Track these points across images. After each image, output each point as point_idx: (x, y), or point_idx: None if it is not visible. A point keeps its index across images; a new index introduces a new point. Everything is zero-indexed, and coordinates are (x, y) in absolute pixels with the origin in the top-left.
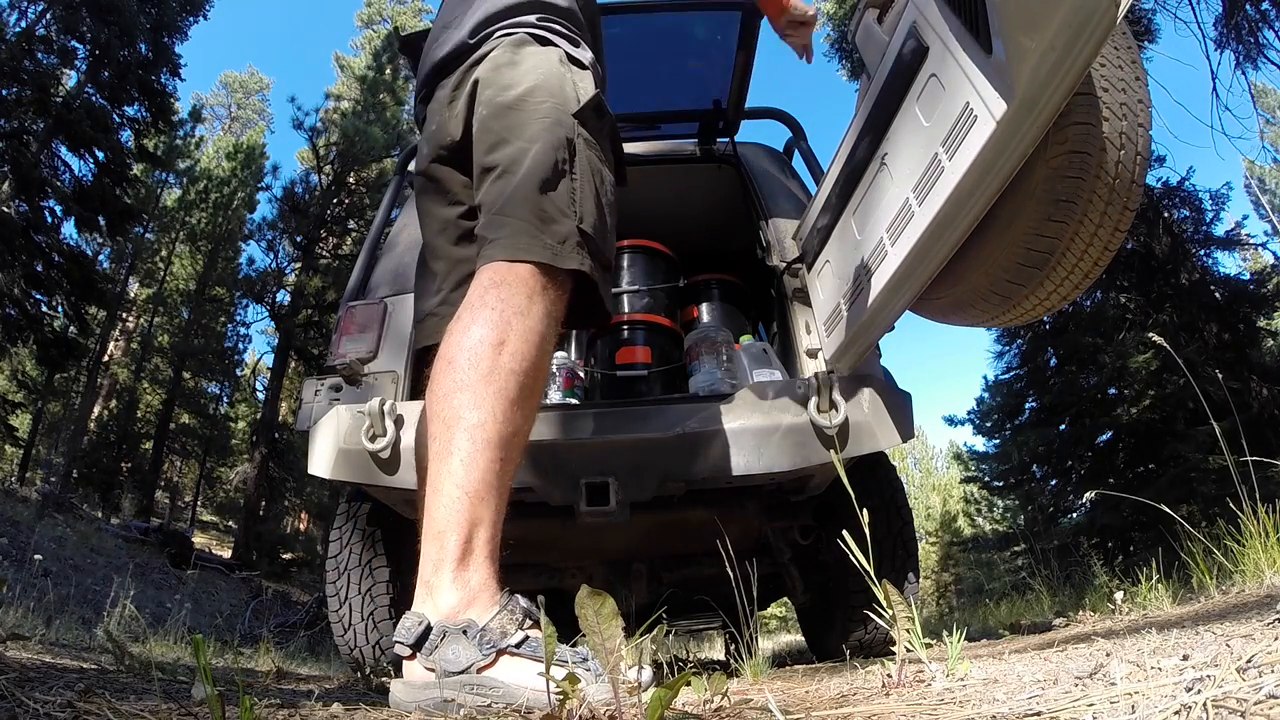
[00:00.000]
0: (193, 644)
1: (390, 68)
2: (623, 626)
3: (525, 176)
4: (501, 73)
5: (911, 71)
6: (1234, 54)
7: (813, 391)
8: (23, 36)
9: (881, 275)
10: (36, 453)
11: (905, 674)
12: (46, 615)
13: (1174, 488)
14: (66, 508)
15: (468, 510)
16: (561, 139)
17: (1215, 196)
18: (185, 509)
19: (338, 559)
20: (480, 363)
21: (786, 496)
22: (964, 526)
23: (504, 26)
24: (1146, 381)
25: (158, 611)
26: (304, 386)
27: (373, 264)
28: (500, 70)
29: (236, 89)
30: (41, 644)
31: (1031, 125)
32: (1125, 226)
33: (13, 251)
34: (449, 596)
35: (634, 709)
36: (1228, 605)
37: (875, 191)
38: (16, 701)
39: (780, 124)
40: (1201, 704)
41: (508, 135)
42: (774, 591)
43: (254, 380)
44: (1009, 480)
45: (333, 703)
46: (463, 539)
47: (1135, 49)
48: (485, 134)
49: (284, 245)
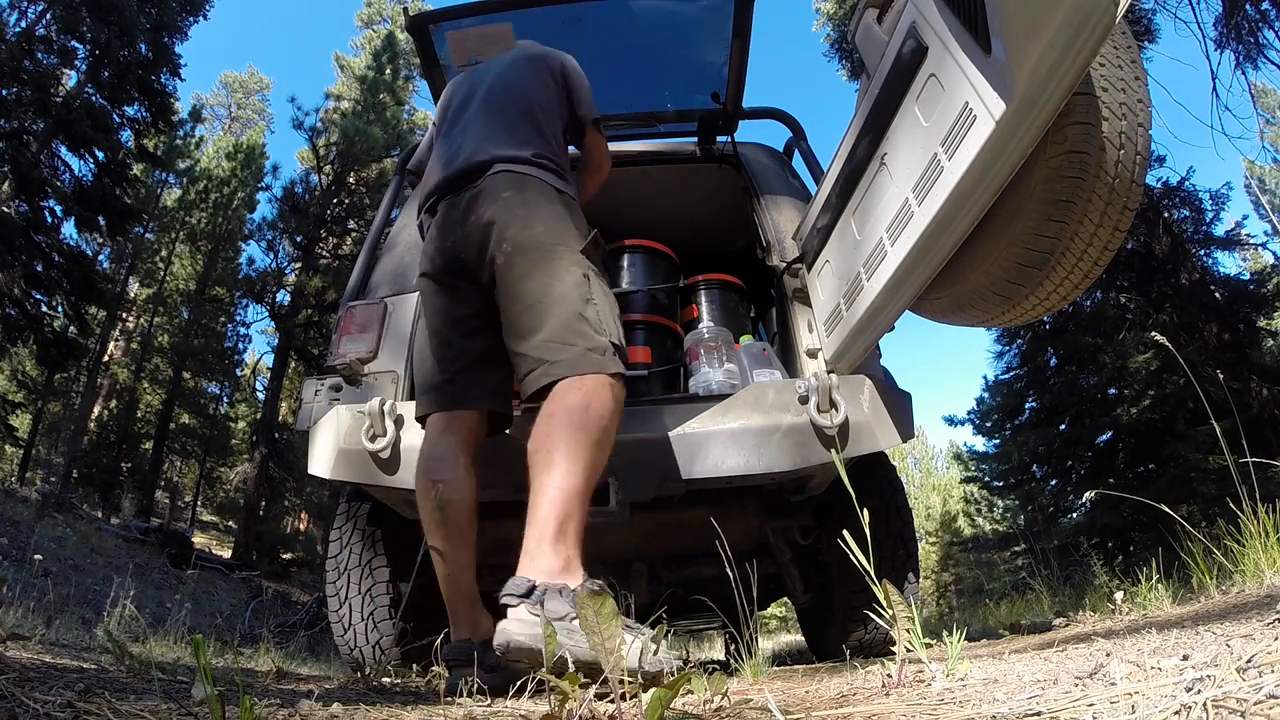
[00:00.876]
0: (193, 644)
1: (390, 68)
2: (623, 626)
3: (565, 309)
4: (515, 212)
5: (911, 71)
6: (1234, 54)
7: (813, 391)
8: (23, 36)
9: (881, 275)
10: (36, 453)
11: (905, 674)
12: (46, 615)
13: (1174, 488)
14: (66, 508)
15: (564, 505)
16: (580, 275)
17: (1215, 196)
18: (185, 509)
19: (338, 559)
20: (574, 415)
21: (786, 496)
22: (964, 526)
23: (508, 164)
24: (1146, 381)
25: (158, 611)
26: (304, 386)
27: (373, 264)
28: (514, 210)
29: (236, 89)
30: (41, 644)
31: (1031, 125)
32: (1125, 226)
33: (13, 251)
34: (549, 563)
35: (634, 709)
36: (1228, 605)
37: (875, 191)
38: (16, 701)
39: (780, 124)
40: (1201, 704)
41: (535, 271)
42: (774, 591)
43: (254, 380)
44: (1009, 480)
45: (333, 703)
46: (559, 524)
47: (1135, 49)
48: (513, 268)
49: (284, 245)
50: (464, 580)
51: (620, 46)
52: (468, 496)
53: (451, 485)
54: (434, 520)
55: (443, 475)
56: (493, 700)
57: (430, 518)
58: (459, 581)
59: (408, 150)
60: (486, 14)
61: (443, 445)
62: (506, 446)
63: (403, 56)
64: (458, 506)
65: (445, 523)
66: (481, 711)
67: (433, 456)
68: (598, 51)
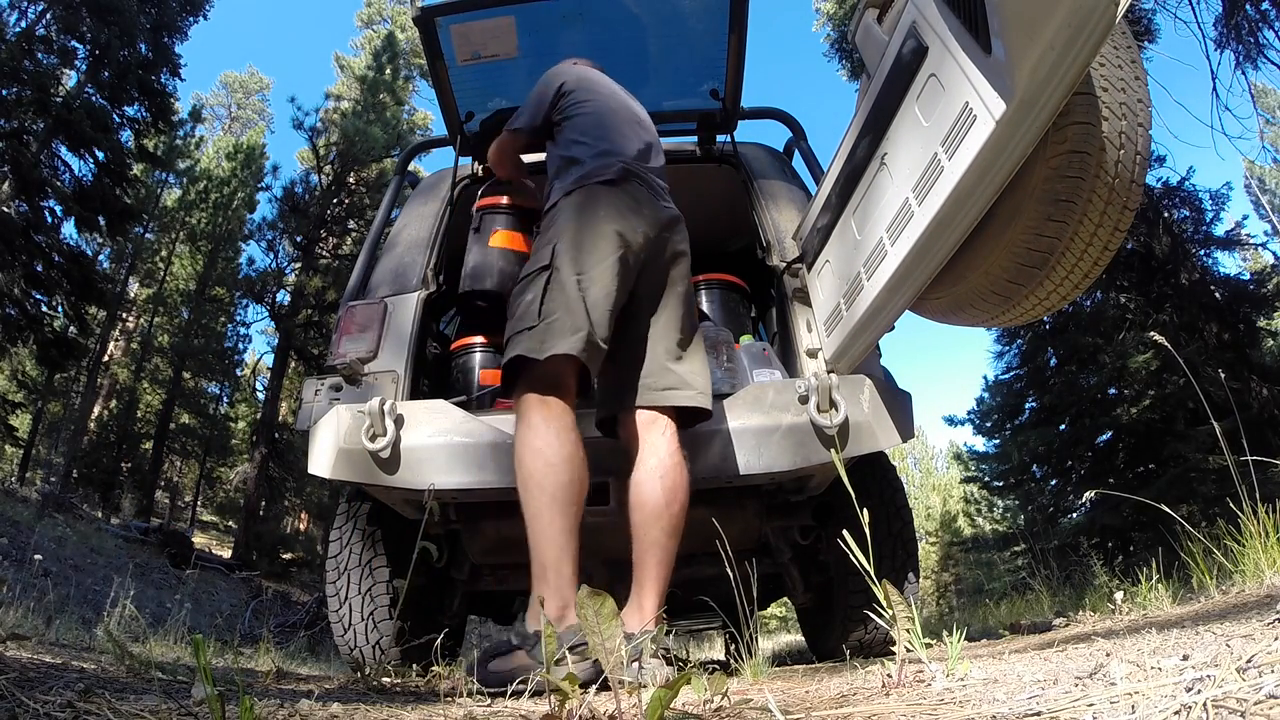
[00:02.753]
0: (193, 644)
1: (390, 68)
2: (622, 627)
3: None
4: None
5: (911, 71)
6: (1234, 54)
7: (813, 391)
8: (23, 36)
9: (881, 275)
10: (36, 453)
11: (905, 674)
12: (46, 615)
13: (1174, 488)
14: (66, 508)
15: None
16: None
17: (1215, 196)
18: (185, 509)
19: (338, 559)
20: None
21: (786, 496)
22: (964, 526)
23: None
24: (1146, 381)
25: (158, 611)
26: (304, 386)
27: (373, 264)
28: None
29: (236, 89)
30: (41, 644)
31: (1031, 125)
32: (1125, 226)
33: (13, 251)
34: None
35: (634, 709)
36: (1228, 605)
37: (875, 191)
38: (16, 701)
39: (780, 124)
40: (1201, 704)
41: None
42: (774, 591)
43: (254, 380)
44: (1009, 480)
45: (333, 703)
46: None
47: (1135, 48)
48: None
49: (284, 245)
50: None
51: (619, 43)
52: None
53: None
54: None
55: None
56: (493, 700)
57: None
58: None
59: (408, 150)
60: (490, 7)
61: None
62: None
63: (403, 56)
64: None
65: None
66: (481, 711)
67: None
68: (597, 50)
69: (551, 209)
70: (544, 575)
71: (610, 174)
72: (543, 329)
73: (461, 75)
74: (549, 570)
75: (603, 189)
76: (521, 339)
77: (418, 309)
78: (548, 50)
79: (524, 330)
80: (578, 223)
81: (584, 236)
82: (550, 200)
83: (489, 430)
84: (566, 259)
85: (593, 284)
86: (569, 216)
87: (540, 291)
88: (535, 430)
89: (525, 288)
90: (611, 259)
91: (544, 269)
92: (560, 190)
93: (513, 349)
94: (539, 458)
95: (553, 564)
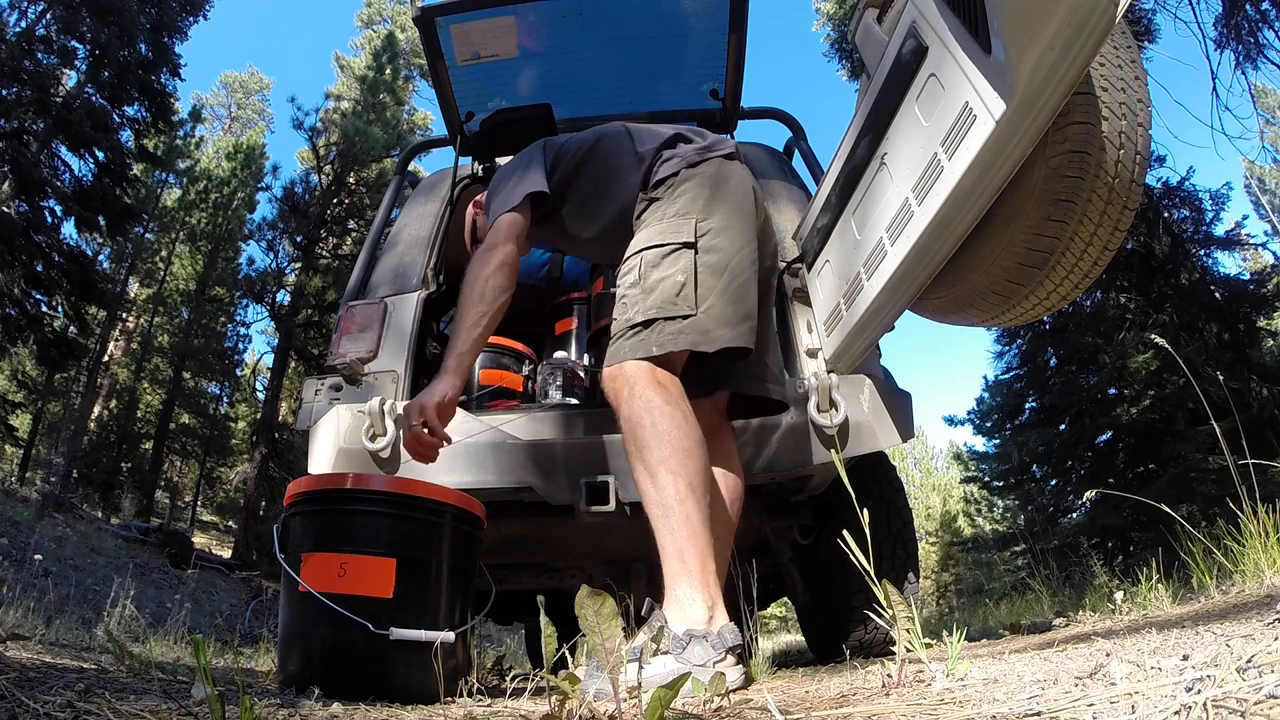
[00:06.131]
0: (193, 644)
1: (390, 68)
2: (623, 626)
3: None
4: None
5: (911, 71)
6: (1234, 54)
7: (812, 391)
8: (23, 36)
9: (881, 275)
10: (36, 453)
11: (905, 674)
12: (46, 615)
13: (1174, 488)
14: (66, 508)
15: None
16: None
17: (1215, 196)
18: (185, 509)
19: None
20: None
21: (786, 496)
22: (964, 526)
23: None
24: (1146, 381)
25: (158, 611)
26: (304, 386)
27: (373, 264)
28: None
29: (236, 89)
30: (41, 644)
31: (1031, 125)
32: (1125, 226)
33: (13, 251)
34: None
35: (634, 709)
36: (1228, 605)
37: (875, 191)
38: (16, 701)
39: (780, 124)
40: (1201, 704)
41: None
42: (774, 591)
43: (254, 380)
44: (1009, 480)
45: (333, 703)
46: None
47: (1135, 48)
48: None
49: (284, 245)
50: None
51: (619, 43)
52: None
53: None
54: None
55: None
56: (493, 700)
57: None
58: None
59: (408, 150)
60: (490, 7)
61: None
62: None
63: (403, 56)
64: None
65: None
66: (481, 711)
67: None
68: (597, 49)
69: (671, 178)
70: (686, 569)
71: (730, 148)
72: (704, 319)
73: (461, 75)
74: (691, 564)
75: (730, 164)
76: (676, 328)
77: (418, 309)
78: (548, 50)
79: (679, 318)
80: (719, 198)
81: (730, 215)
82: (662, 173)
83: (489, 430)
84: (721, 238)
85: (744, 267)
86: (708, 189)
87: (691, 274)
88: (664, 414)
89: (659, 264)
90: (753, 240)
91: (686, 246)
92: (680, 161)
93: (669, 341)
94: (671, 443)
95: (696, 558)
